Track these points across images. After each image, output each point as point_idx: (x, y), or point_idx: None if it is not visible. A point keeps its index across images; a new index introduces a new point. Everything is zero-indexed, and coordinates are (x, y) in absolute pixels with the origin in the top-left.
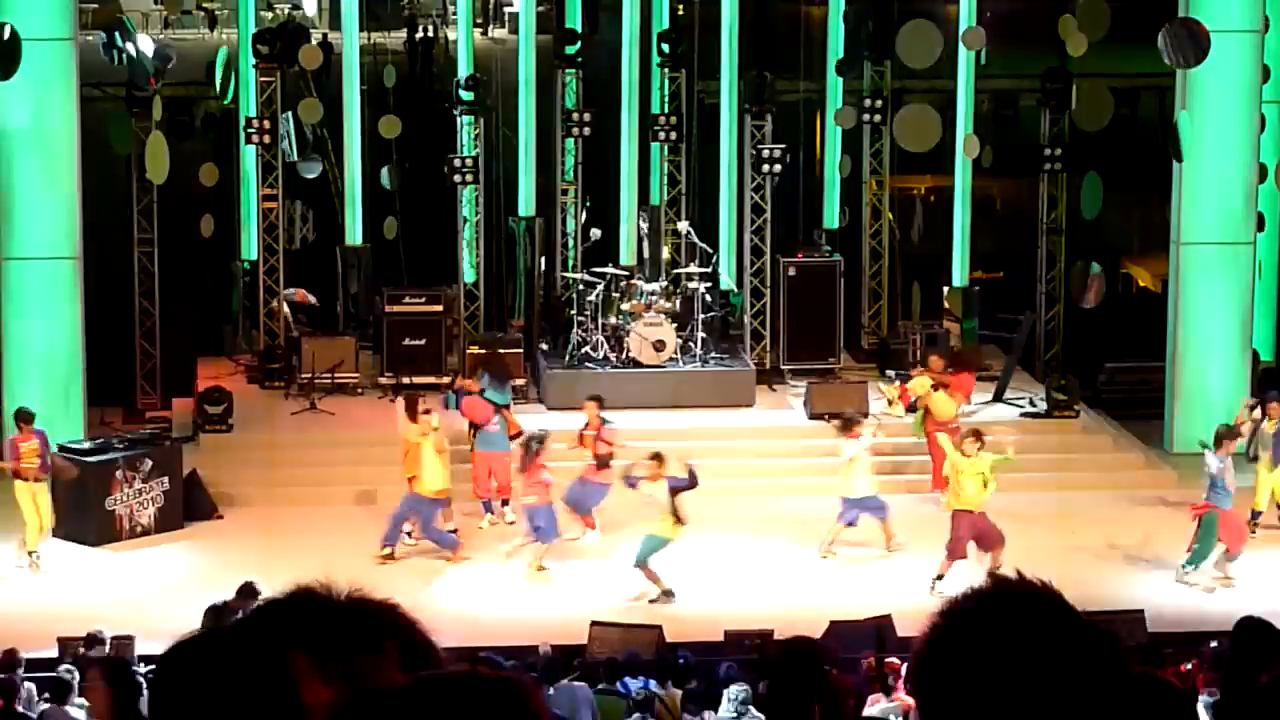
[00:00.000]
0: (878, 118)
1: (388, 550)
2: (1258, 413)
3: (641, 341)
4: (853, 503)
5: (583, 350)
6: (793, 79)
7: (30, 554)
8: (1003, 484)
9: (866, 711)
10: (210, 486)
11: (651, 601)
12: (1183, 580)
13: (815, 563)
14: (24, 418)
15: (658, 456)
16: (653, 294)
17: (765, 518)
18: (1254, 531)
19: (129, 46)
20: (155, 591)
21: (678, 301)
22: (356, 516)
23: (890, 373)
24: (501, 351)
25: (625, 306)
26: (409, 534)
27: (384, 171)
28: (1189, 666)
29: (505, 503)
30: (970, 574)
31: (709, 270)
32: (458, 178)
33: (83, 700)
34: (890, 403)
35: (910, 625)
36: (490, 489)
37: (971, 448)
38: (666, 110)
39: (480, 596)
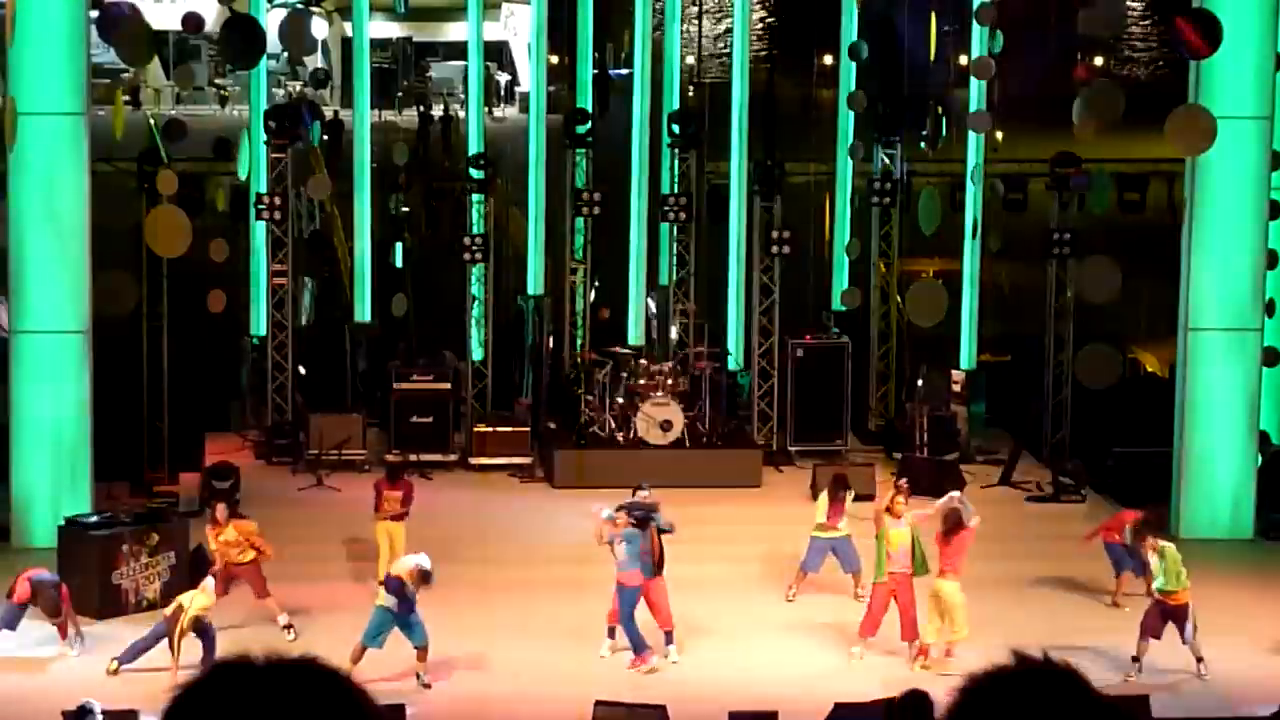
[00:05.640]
0: (886, 200)
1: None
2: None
3: (648, 421)
4: None
5: (590, 430)
6: (802, 160)
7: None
8: (1007, 565)
9: None
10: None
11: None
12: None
13: (820, 643)
14: (395, 472)
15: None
16: (660, 374)
17: (771, 598)
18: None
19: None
20: (159, 665)
21: (685, 382)
22: (360, 594)
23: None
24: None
25: (633, 386)
26: None
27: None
28: None
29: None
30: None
31: (717, 351)
32: (467, 255)
33: None
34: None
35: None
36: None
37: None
38: (676, 191)
39: (484, 678)
